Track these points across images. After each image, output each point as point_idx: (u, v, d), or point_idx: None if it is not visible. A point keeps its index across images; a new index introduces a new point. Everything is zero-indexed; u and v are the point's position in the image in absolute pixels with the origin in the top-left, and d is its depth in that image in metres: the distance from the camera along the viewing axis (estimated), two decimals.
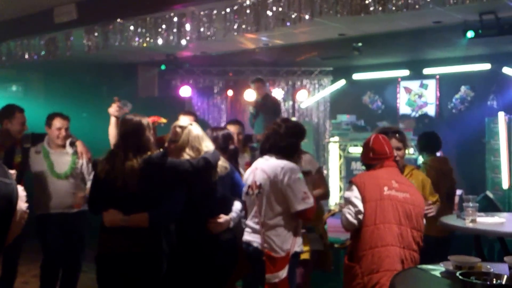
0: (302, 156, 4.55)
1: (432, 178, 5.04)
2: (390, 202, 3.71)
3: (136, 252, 3.74)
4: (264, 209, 4.03)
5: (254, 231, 4.10)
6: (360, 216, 3.71)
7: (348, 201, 3.79)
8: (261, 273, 4.03)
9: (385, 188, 3.73)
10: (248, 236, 4.15)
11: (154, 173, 3.74)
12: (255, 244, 4.07)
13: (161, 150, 3.93)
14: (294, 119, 9.23)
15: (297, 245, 4.07)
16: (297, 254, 4.09)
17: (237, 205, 4.24)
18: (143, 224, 3.70)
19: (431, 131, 6.22)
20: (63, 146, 5.45)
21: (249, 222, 4.15)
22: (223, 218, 4.05)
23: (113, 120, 4.73)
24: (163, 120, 4.94)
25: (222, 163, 4.10)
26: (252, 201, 4.12)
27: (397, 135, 4.38)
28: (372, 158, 3.92)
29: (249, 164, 4.71)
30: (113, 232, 3.76)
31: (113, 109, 4.81)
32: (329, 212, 4.21)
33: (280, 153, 4.10)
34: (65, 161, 5.42)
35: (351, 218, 3.74)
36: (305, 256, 4.41)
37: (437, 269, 3.21)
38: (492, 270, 2.96)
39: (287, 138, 4.13)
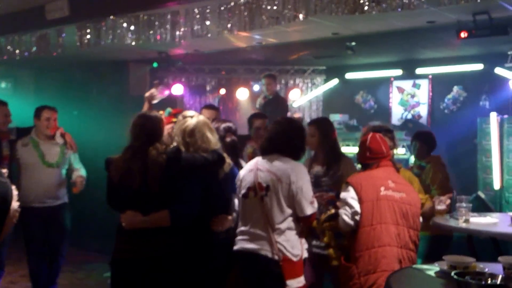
0: (344, 159, 4.59)
1: (445, 175, 5.16)
2: (387, 203, 3.70)
3: (159, 255, 3.52)
4: (274, 213, 3.69)
5: (259, 237, 3.68)
6: (357, 217, 3.69)
7: (344, 202, 3.77)
8: (274, 284, 3.67)
9: (382, 188, 3.72)
10: (249, 244, 3.69)
11: (175, 169, 3.58)
12: (263, 252, 3.65)
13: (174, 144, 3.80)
14: (298, 115, 9.10)
15: (304, 248, 3.86)
16: (305, 258, 3.89)
17: (237, 204, 4.06)
18: (165, 223, 3.52)
19: (427, 130, 6.25)
20: (52, 137, 5.62)
21: (248, 228, 3.73)
22: (226, 217, 3.95)
23: (146, 106, 4.82)
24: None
25: (229, 160, 4.02)
26: (252, 205, 3.73)
27: (389, 134, 4.40)
28: (369, 158, 3.91)
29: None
30: (132, 235, 3.56)
31: (150, 94, 4.90)
32: (326, 213, 4.11)
33: (287, 154, 3.85)
34: (55, 151, 5.62)
35: (347, 219, 3.73)
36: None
37: (432, 269, 3.21)
38: (486, 270, 2.97)
39: (296, 138, 3.94)
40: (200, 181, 3.71)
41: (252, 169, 3.86)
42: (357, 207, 3.69)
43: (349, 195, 3.75)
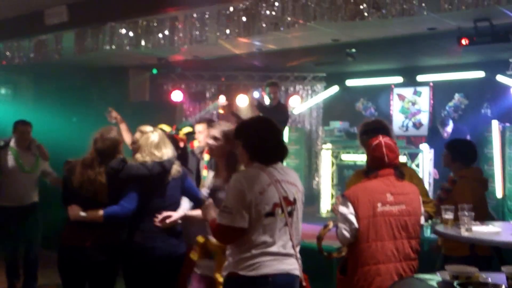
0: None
1: (477, 191, 4.91)
2: (383, 219, 3.63)
3: (94, 243, 4.26)
4: (298, 227, 3.45)
5: (289, 256, 3.37)
6: (356, 233, 3.63)
7: (344, 218, 3.69)
8: None
9: (379, 205, 3.64)
10: (282, 265, 3.34)
11: (116, 177, 4.25)
12: (296, 272, 3.39)
13: (120, 156, 4.38)
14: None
15: None
16: None
17: (184, 205, 4.43)
18: (99, 219, 4.20)
19: (459, 138, 5.81)
20: (28, 147, 6.41)
21: (277, 248, 3.35)
22: (170, 215, 4.26)
23: (123, 127, 5.45)
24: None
25: (176, 166, 4.38)
26: (279, 222, 3.34)
27: (380, 131, 4.28)
28: (370, 164, 3.83)
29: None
30: (75, 225, 4.30)
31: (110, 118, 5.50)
32: (325, 228, 4.01)
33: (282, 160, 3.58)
34: (31, 159, 6.43)
35: (347, 234, 3.66)
36: None
37: (434, 279, 3.16)
38: (489, 280, 2.91)
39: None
40: (138, 187, 4.21)
41: (272, 182, 3.34)
42: (356, 223, 3.63)
43: (349, 210, 3.67)
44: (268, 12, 5.47)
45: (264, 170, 3.33)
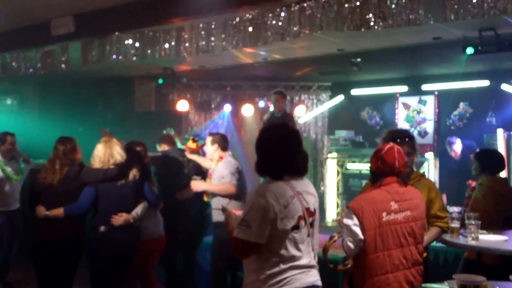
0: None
1: (489, 200, 4.92)
2: (389, 228, 3.62)
3: (59, 235, 5.09)
4: (314, 238, 3.37)
5: (312, 267, 3.34)
6: (362, 244, 3.62)
7: (349, 230, 3.67)
8: None
9: (384, 214, 3.63)
10: (309, 278, 3.32)
11: (73, 180, 5.17)
12: (319, 283, 3.35)
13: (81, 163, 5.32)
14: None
15: None
16: None
17: (138, 208, 5.21)
18: (60, 215, 5.08)
19: (492, 148, 5.87)
20: (13, 157, 6.89)
21: (303, 261, 3.31)
22: (123, 215, 5.06)
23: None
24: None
25: (133, 172, 5.19)
26: (304, 234, 3.29)
27: (407, 139, 4.30)
28: (379, 168, 3.80)
29: None
30: (43, 222, 5.12)
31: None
32: (331, 239, 3.99)
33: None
34: (16, 168, 6.94)
35: (352, 246, 3.64)
36: None
37: None
38: None
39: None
40: (94, 187, 5.08)
41: (293, 195, 3.25)
42: (361, 235, 3.62)
43: (353, 222, 3.65)
44: (274, 22, 5.49)
45: (287, 182, 3.24)
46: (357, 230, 3.60)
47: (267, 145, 3.30)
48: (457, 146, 8.64)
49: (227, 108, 11.31)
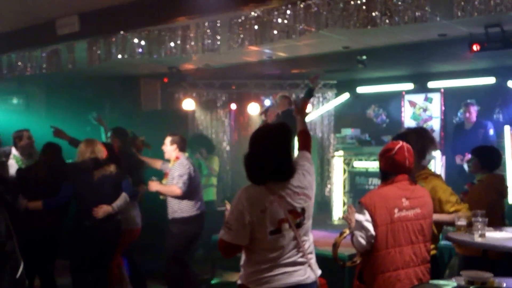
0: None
1: (491, 198, 4.93)
2: (401, 224, 3.63)
3: (38, 226, 5.76)
4: (305, 237, 3.37)
5: (298, 264, 3.34)
6: (373, 240, 3.62)
7: (360, 225, 3.67)
8: None
9: (396, 210, 3.64)
10: (292, 278, 3.31)
11: (54, 176, 5.85)
12: (309, 281, 3.35)
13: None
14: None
15: None
16: None
17: (118, 201, 5.75)
18: (39, 208, 5.75)
19: (488, 145, 5.85)
20: (30, 155, 6.78)
21: (286, 261, 3.32)
22: (103, 207, 5.61)
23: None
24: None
25: (110, 168, 5.77)
26: (287, 237, 3.28)
27: (426, 134, 4.36)
28: (390, 167, 3.80)
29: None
30: (27, 213, 5.72)
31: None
32: (341, 235, 4.00)
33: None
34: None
35: (363, 242, 3.64)
36: None
37: (449, 285, 3.16)
38: (504, 285, 2.90)
39: None
40: (72, 183, 5.73)
41: (272, 200, 3.24)
42: (372, 230, 3.61)
43: (365, 218, 3.66)
44: (280, 20, 5.48)
45: (268, 187, 3.24)
46: (369, 226, 3.61)
47: (249, 152, 3.32)
48: (474, 110, 8.70)
49: (233, 106, 11.32)
